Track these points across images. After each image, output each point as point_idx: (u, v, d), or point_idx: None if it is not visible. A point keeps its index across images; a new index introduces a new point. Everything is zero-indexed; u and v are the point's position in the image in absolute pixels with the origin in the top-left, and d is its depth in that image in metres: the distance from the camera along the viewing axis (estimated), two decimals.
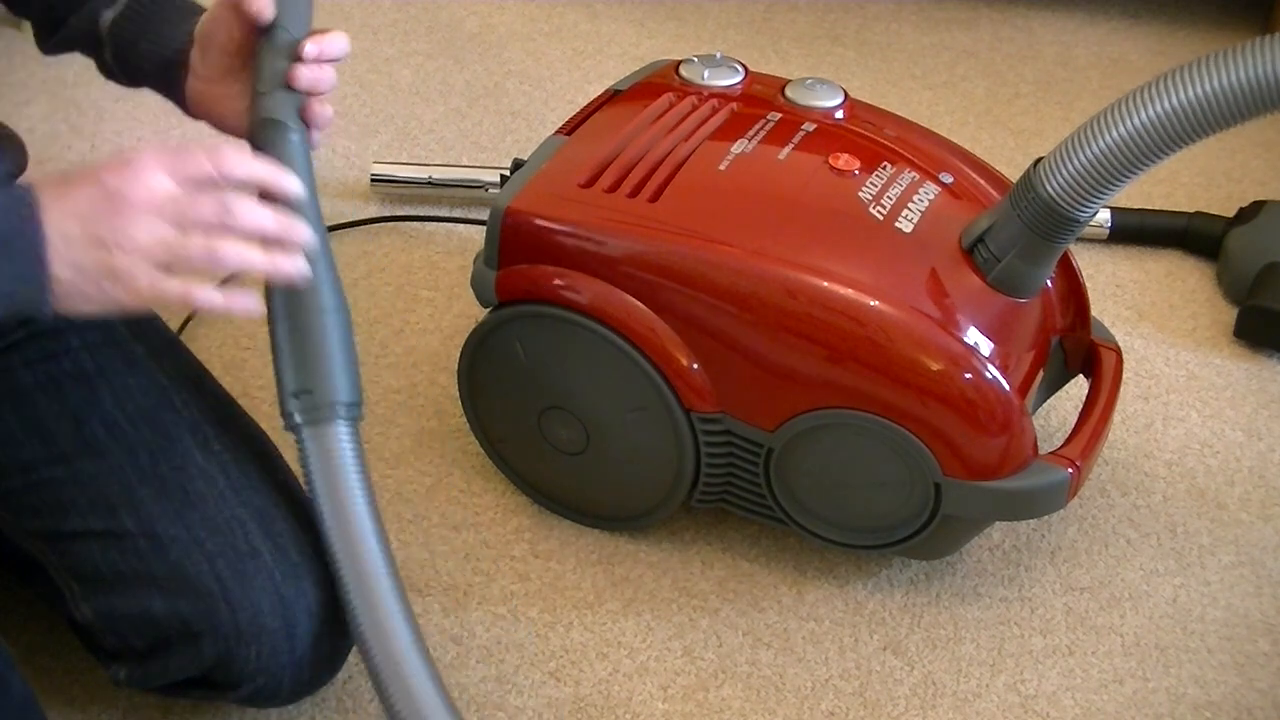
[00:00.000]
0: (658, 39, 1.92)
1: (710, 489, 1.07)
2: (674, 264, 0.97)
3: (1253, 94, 0.81)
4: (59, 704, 0.99)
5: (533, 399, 1.08)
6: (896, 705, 1.01)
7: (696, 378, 1.00)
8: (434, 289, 1.41)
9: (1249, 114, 0.83)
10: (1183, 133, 0.85)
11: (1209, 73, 0.82)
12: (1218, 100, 0.82)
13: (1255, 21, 2.02)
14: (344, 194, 1.55)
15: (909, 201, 1.02)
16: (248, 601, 0.86)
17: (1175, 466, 1.23)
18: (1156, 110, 0.85)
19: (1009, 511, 1.01)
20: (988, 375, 0.94)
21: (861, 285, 0.95)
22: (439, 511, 1.15)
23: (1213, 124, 0.84)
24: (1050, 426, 1.24)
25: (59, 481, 0.89)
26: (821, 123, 1.10)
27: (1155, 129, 0.85)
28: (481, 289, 1.06)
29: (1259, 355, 1.36)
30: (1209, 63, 0.82)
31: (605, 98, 1.14)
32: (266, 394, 1.27)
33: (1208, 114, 0.83)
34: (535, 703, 1.00)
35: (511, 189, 1.03)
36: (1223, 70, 0.82)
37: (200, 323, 1.35)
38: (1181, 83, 0.83)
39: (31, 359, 0.93)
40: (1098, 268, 1.47)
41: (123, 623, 0.89)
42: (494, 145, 1.66)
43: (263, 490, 0.92)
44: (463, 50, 1.87)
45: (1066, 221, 0.92)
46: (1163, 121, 0.85)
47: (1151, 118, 0.85)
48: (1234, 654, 1.06)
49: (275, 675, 0.88)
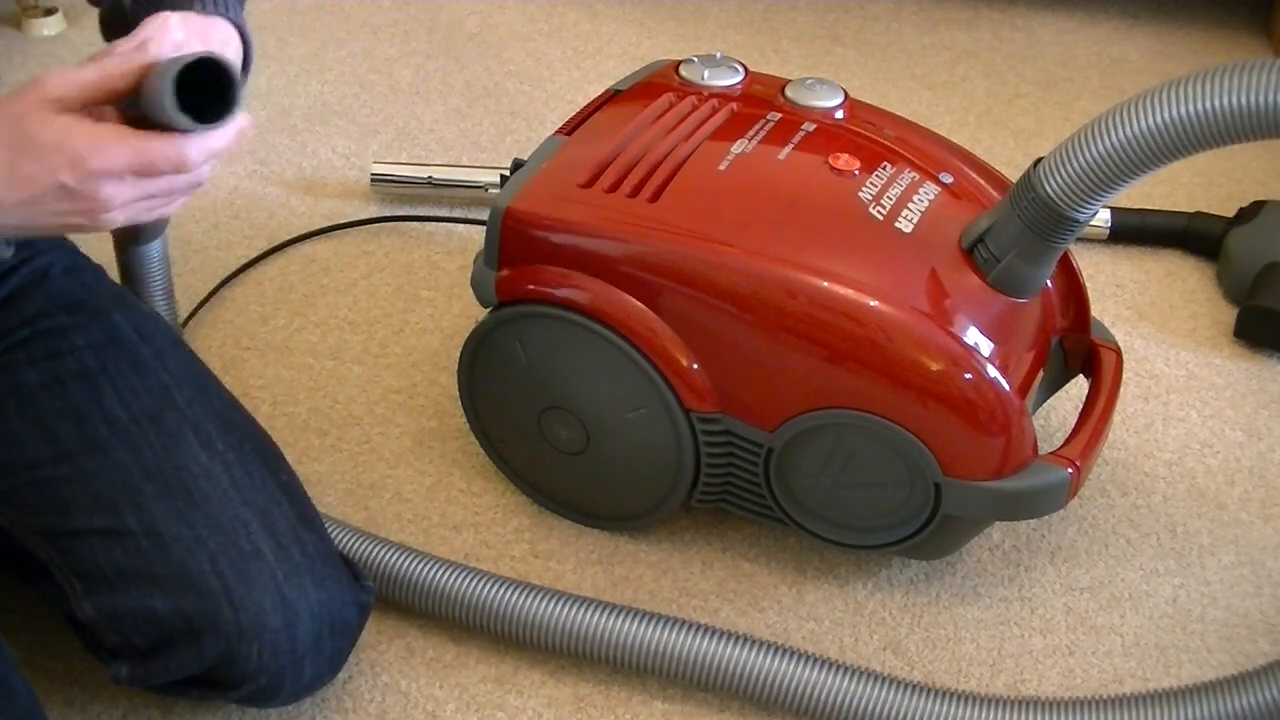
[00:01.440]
0: (658, 39, 1.92)
1: (710, 489, 1.07)
2: (674, 264, 0.98)
3: (1258, 119, 0.81)
4: (59, 704, 0.99)
5: (533, 399, 1.08)
6: None
7: (696, 378, 1.00)
8: (434, 289, 1.41)
9: (1253, 137, 0.82)
10: (1186, 144, 0.84)
11: (1218, 88, 0.81)
12: (1223, 118, 0.82)
13: (1255, 22, 2.02)
14: (344, 194, 1.55)
15: (909, 201, 1.02)
16: (250, 600, 0.86)
17: (1175, 466, 1.23)
18: (1160, 119, 0.84)
19: (1009, 511, 1.01)
20: (988, 375, 0.94)
21: (861, 285, 0.95)
22: (439, 511, 1.15)
23: (1216, 140, 0.83)
24: (1050, 426, 1.24)
25: (62, 480, 0.90)
26: (821, 123, 1.10)
27: (1158, 137, 0.85)
28: (481, 289, 1.06)
29: (1259, 355, 1.36)
30: (1219, 77, 0.81)
31: (605, 98, 1.14)
32: (266, 394, 1.27)
33: (1211, 130, 0.82)
34: (535, 703, 1.00)
35: (511, 189, 1.03)
36: (1232, 89, 0.81)
37: (200, 322, 1.35)
38: (1189, 94, 0.82)
39: (35, 357, 0.93)
40: (1098, 268, 1.47)
41: (125, 621, 0.89)
42: (494, 145, 1.66)
43: (265, 489, 0.92)
44: (463, 50, 1.87)
45: (1066, 222, 0.92)
46: (1166, 130, 0.84)
47: (1155, 125, 0.84)
48: (1234, 654, 1.06)
49: (276, 674, 0.88)
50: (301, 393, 1.27)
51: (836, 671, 0.96)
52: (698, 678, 0.97)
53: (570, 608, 0.99)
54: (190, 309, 1.36)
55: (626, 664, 0.99)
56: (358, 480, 1.18)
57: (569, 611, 0.99)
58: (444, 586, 1.02)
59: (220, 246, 1.46)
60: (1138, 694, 0.94)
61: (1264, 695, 0.89)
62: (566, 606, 0.99)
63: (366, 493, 1.17)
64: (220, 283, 1.40)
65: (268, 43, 1.87)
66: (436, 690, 1.01)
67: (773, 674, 0.96)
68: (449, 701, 1.00)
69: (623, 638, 0.98)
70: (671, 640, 0.97)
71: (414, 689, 1.01)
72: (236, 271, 1.42)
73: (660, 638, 0.97)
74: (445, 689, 1.01)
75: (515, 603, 1.00)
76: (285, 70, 1.80)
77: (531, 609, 0.99)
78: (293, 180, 1.58)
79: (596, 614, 0.99)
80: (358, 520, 1.14)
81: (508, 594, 1.00)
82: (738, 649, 0.97)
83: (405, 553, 1.04)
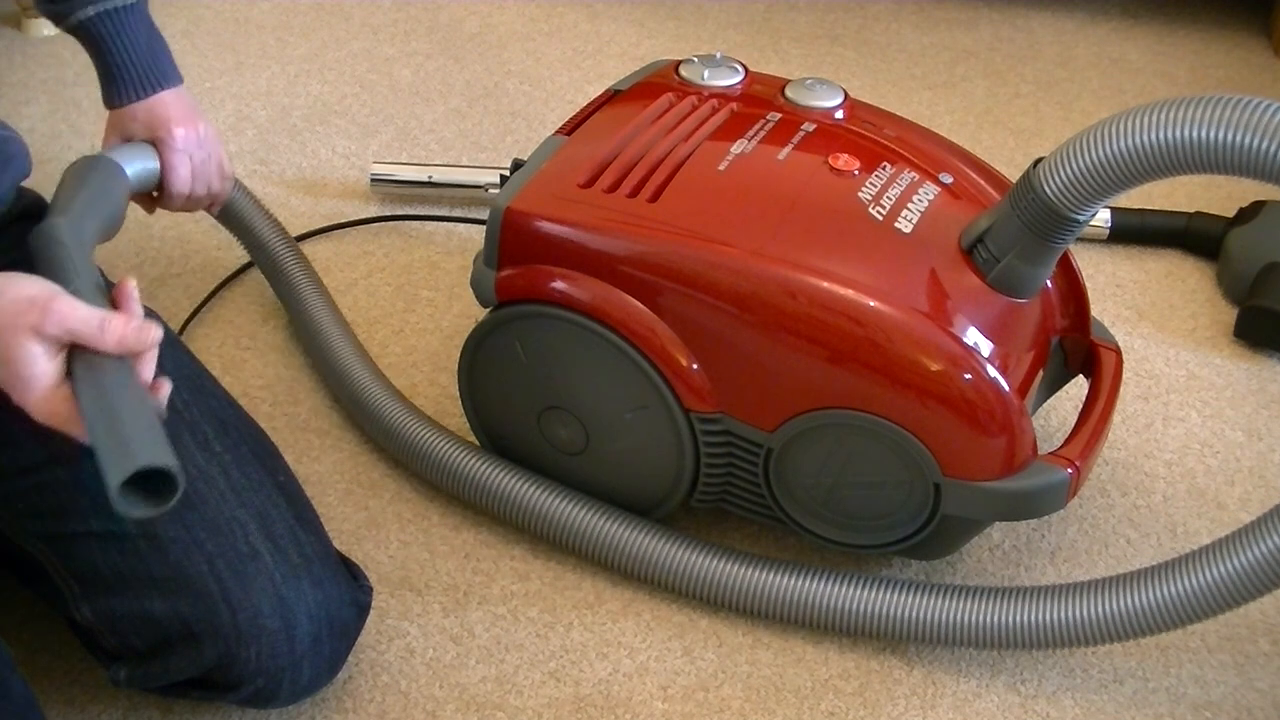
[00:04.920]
0: (658, 39, 1.92)
1: (710, 489, 1.07)
2: (674, 264, 0.97)
3: (1259, 164, 0.81)
4: (59, 704, 0.99)
5: (532, 399, 1.08)
6: (896, 705, 1.01)
7: (696, 378, 1.00)
8: (434, 289, 1.41)
9: (1254, 177, 0.82)
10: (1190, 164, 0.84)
11: (1227, 120, 0.81)
12: (1227, 152, 0.82)
13: (1255, 22, 2.02)
14: (344, 194, 1.55)
15: (909, 202, 1.02)
16: (248, 602, 0.86)
17: (1175, 466, 1.23)
18: (1165, 136, 0.84)
19: (1009, 511, 1.01)
20: (987, 375, 0.94)
21: (861, 285, 0.95)
22: (439, 511, 1.15)
23: (1219, 169, 0.83)
24: (1050, 426, 1.24)
25: (60, 483, 0.89)
26: (821, 123, 1.10)
27: (1162, 152, 0.84)
28: (481, 289, 1.06)
29: (1259, 355, 1.36)
30: (1231, 108, 0.81)
31: (605, 98, 1.14)
32: (266, 394, 1.27)
33: (1215, 159, 0.83)
34: (535, 703, 1.00)
35: (511, 189, 1.03)
36: (1241, 126, 0.81)
37: (200, 322, 1.35)
38: (1198, 119, 0.82)
39: None
40: (1098, 268, 1.47)
41: (123, 623, 0.89)
42: (494, 145, 1.66)
43: (263, 491, 0.92)
44: (463, 50, 1.87)
45: (1066, 222, 0.92)
46: (1170, 148, 0.84)
47: (1160, 141, 0.84)
48: (1234, 654, 1.06)
49: (275, 676, 0.88)
50: (301, 393, 1.27)
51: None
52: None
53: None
54: (190, 309, 1.36)
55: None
56: (358, 480, 1.18)
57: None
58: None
59: (220, 246, 1.45)
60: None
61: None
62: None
63: (366, 493, 1.17)
64: (220, 283, 1.40)
65: (268, 43, 1.87)
66: (436, 690, 1.01)
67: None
68: (449, 701, 1.00)
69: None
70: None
71: (414, 689, 1.01)
72: (236, 272, 1.42)
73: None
74: (445, 689, 1.01)
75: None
76: (285, 70, 1.80)
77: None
78: (293, 180, 1.58)
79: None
80: (358, 520, 1.14)
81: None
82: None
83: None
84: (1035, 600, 0.97)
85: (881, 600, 1.00)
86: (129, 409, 0.75)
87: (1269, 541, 0.87)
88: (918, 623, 1.00)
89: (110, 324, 0.77)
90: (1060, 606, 0.96)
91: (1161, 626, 0.93)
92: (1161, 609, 0.92)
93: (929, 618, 0.99)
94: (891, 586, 1.01)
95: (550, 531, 1.08)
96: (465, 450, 1.12)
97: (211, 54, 1.83)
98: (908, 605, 1.00)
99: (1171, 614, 0.92)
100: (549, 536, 1.09)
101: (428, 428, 1.14)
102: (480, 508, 1.12)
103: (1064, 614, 0.96)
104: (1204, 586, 0.90)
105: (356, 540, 1.12)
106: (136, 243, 1.45)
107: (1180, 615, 0.92)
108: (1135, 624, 0.94)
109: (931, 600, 1.00)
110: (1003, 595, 0.99)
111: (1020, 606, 0.97)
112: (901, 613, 1.00)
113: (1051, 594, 0.97)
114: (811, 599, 1.02)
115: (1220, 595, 0.90)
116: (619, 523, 1.06)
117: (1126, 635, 0.95)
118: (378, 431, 1.17)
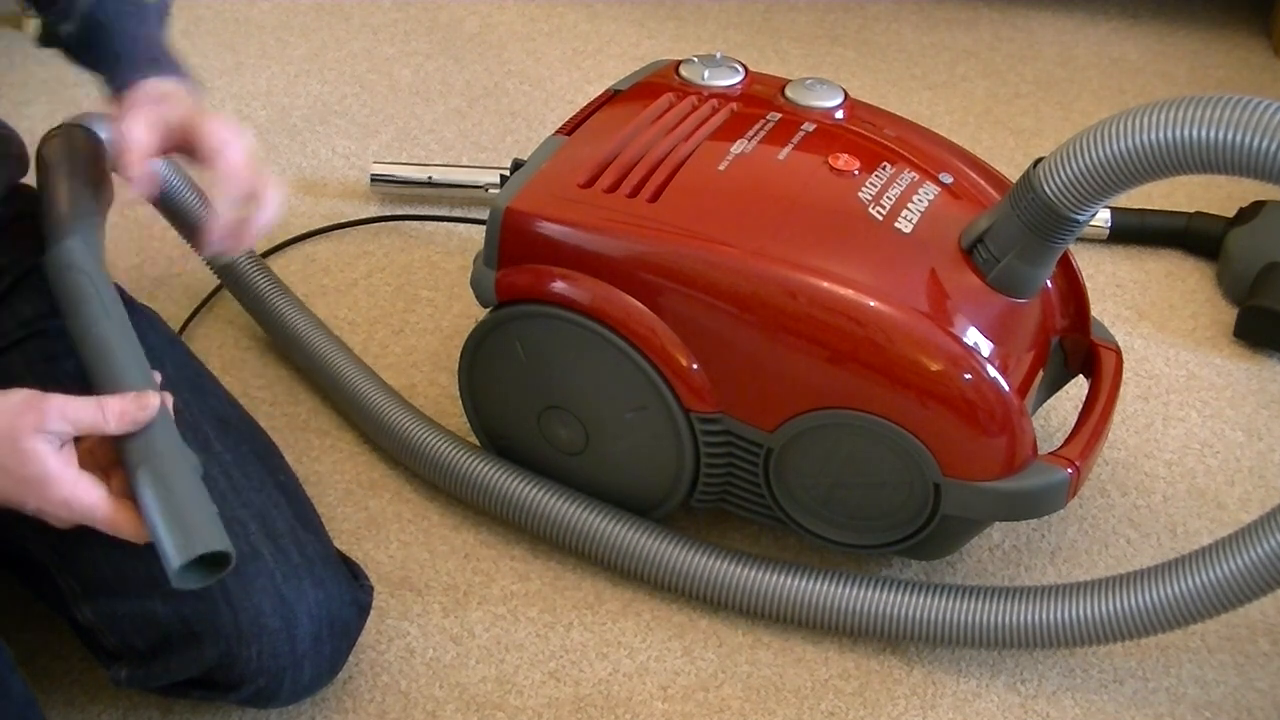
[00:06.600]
0: (658, 39, 1.92)
1: (710, 489, 1.07)
2: (674, 264, 0.97)
3: (1259, 164, 0.81)
4: (59, 704, 0.99)
5: (532, 399, 1.08)
6: (896, 705, 1.01)
7: (696, 378, 1.00)
8: (434, 289, 1.41)
9: (1254, 177, 0.82)
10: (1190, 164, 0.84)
11: (1227, 120, 0.81)
12: (1228, 151, 0.82)
13: (1255, 22, 2.02)
14: (344, 194, 1.55)
15: (909, 202, 1.02)
16: (248, 602, 0.86)
17: (1175, 466, 1.23)
18: (1165, 136, 0.83)
19: (1009, 511, 1.01)
20: (987, 375, 0.94)
21: (861, 286, 0.95)
22: (439, 511, 1.15)
23: (1221, 169, 0.83)
24: (1050, 426, 1.24)
25: None
26: (821, 123, 1.10)
27: (1163, 152, 0.84)
28: (481, 289, 1.06)
29: (1259, 355, 1.36)
30: (1231, 108, 0.81)
31: (605, 98, 1.14)
32: (266, 394, 1.27)
33: (1214, 159, 0.83)
34: (535, 703, 1.00)
35: (511, 189, 1.03)
36: (1241, 126, 0.81)
37: (200, 322, 1.35)
38: (1198, 119, 0.82)
39: (32, 359, 0.93)
40: (1098, 268, 1.47)
41: (124, 623, 0.89)
42: (494, 145, 1.66)
43: (263, 491, 0.92)
44: (463, 50, 1.87)
45: (1066, 222, 0.92)
46: (1169, 148, 0.84)
47: (1159, 141, 0.84)
48: (1234, 654, 1.06)
49: (276, 676, 0.88)
50: (301, 393, 1.27)
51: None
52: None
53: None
54: (190, 309, 1.35)
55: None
56: (358, 480, 1.18)
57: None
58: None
59: None
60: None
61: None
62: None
63: (366, 493, 1.17)
64: (220, 283, 1.40)
65: (268, 43, 1.87)
66: (436, 690, 1.01)
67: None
68: (449, 701, 1.00)
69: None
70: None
71: (414, 689, 1.01)
72: None
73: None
74: (445, 689, 1.01)
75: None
76: (285, 70, 1.80)
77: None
78: (293, 180, 1.58)
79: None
80: (358, 520, 1.14)
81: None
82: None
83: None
84: (1035, 600, 0.97)
85: (881, 600, 1.00)
86: (188, 494, 0.78)
87: (1269, 542, 0.87)
88: (918, 623, 1.00)
89: (109, 407, 0.78)
90: (1060, 606, 0.96)
91: (1162, 626, 0.93)
92: (1162, 609, 0.92)
93: (929, 618, 0.99)
94: (891, 586, 1.01)
95: (550, 531, 1.08)
96: (465, 450, 1.12)
97: (211, 54, 1.83)
98: (908, 605, 1.00)
99: (1172, 614, 0.92)
100: (549, 536, 1.09)
101: (427, 428, 1.14)
102: (480, 508, 1.12)
103: (1064, 614, 0.96)
104: (1204, 587, 0.90)
105: (356, 540, 1.12)
106: (136, 242, 1.45)
107: (1181, 615, 0.92)
108: (1135, 624, 0.94)
109: (931, 600, 1.00)
110: (1003, 595, 0.99)
111: (1020, 606, 0.97)
112: (901, 613, 1.00)
113: (1051, 594, 0.97)
114: (811, 599, 1.02)
115: (1220, 595, 0.90)
116: (619, 523, 1.06)
117: (1127, 635, 0.95)
118: (377, 431, 1.18)
